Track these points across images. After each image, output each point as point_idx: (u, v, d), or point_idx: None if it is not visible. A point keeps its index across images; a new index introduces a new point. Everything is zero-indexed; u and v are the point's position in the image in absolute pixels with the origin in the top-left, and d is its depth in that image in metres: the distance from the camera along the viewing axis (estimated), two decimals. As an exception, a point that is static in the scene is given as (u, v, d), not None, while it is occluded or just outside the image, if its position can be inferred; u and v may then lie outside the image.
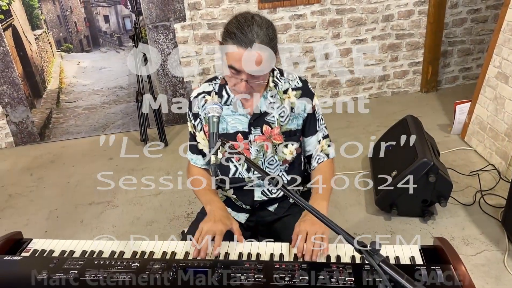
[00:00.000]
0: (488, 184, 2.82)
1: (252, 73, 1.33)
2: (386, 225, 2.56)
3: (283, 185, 1.14)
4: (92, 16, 3.74)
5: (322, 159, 1.63)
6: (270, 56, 1.32)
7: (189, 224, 2.66)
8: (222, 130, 1.55)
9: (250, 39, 1.28)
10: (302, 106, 1.55)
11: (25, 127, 3.92)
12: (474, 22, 4.13)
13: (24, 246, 1.40)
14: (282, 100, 1.53)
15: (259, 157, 1.57)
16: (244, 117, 1.53)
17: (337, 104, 4.23)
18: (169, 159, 3.50)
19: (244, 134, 1.55)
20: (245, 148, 1.57)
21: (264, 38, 1.30)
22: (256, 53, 1.29)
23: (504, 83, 2.91)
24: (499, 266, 2.19)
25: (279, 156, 1.58)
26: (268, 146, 1.56)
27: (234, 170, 1.61)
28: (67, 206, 3.01)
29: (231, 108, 1.53)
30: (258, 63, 1.30)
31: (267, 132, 1.55)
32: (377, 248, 0.96)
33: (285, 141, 1.57)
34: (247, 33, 1.28)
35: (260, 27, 1.30)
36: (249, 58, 1.29)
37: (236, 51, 1.30)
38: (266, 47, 1.30)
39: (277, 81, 1.54)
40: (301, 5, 3.78)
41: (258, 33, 1.29)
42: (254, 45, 1.28)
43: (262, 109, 1.52)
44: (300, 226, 1.37)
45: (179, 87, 3.96)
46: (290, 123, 1.56)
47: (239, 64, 1.31)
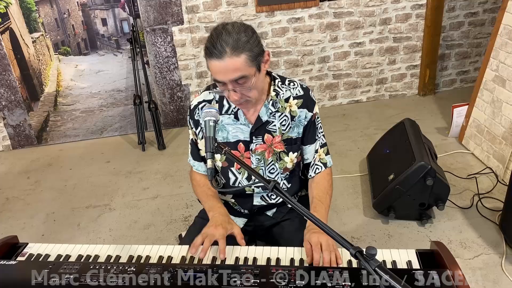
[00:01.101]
0: (486, 187, 2.82)
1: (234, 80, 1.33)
2: (383, 229, 2.56)
3: (281, 191, 1.14)
4: (89, 19, 3.74)
5: (320, 169, 1.63)
6: (247, 59, 1.32)
7: (186, 227, 2.66)
8: (222, 139, 1.56)
9: (220, 50, 1.29)
10: (303, 115, 1.56)
11: (22, 130, 3.91)
12: (471, 25, 4.14)
13: (20, 250, 1.39)
14: (283, 109, 1.54)
15: (260, 165, 1.58)
16: (246, 126, 1.54)
17: (335, 107, 4.23)
18: (166, 162, 3.50)
19: (245, 143, 1.55)
20: (246, 157, 1.57)
21: (236, 43, 1.30)
22: (229, 61, 1.30)
23: (501, 86, 2.92)
24: (497, 270, 2.19)
25: (280, 164, 1.59)
26: (269, 155, 1.56)
27: (234, 179, 1.62)
28: (64, 209, 3.00)
29: (232, 118, 1.54)
30: (235, 70, 1.31)
31: (268, 141, 1.55)
32: (373, 253, 0.96)
33: (286, 149, 1.57)
34: (216, 45, 1.29)
35: (230, 35, 1.30)
36: (225, 68, 1.31)
37: (213, 64, 1.32)
38: (239, 52, 1.30)
39: (278, 90, 1.54)
40: (298, 8, 3.78)
41: (227, 41, 1.29)
42: (225, 54, 1.29)
43: (264, 118, 1.52)
44: (312, 238, 1.35)
45: (177, 90, 3.96)
46: (291, 131, 1.57)
47: (220, 76, 1.33)
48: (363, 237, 2.51)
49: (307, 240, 1.37)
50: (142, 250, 1.38)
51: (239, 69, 1.31)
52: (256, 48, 1.34)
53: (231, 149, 1.55)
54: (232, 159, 1.25)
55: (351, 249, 1.00)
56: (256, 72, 1.36)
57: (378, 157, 3.00)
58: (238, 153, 1.56)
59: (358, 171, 3.15)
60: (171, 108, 4.03)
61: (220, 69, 1.31)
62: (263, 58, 1.38)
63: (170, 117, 4.07)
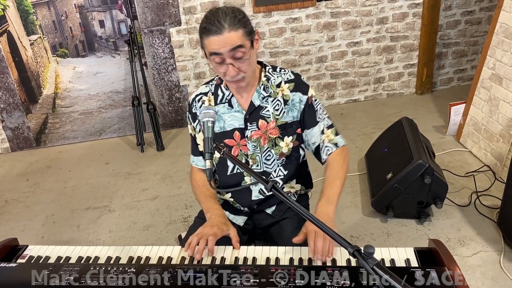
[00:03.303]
0: (484, 185, 2.83)
1: (233, 49, 1.37)
2: (382, 227, 2.56)
3: (277, 189, 1.14)
4: (87, 21, 3.74)
5: (331, 150, 1.59)
6: (245, 33, 1.39)
7: (186, 227, 2.67)
8: (219, 128, 1.59)
9: (218, 26, 1.36)
10: (297, 98, 1.58)
11: (21, 133, 3.91)
12: (468, 24, 4.16)
13: (20, 252, 1.40)
14: (275, 94, 1.57)
15: (256, 152, 1.60)
16: (240, 113, 1.57)
17: (333, 107, 4.24)
18: (165, 163, 3.50)
19: (240, 131, 1.58)
20: (242, 144, 1.59)
21: (232, 20, 1.37)
22: (228, 35, 1.36)
23: (498, 84, 2.93)
24: (495, 267, 2.20)
25: (276, 150, 1.60)
26: (264, 141, 1.58)
27: (232, 166, 1.64)
28: (63, 211, 3.01)
29: (226, 106, 1.58)
30: (234, 41, 1.37)
31: (263, 127, 1.57)
32: (371, 251, 0.97)
33: (281, 134, 1.59)
34: (214, 22, 1.36)
35: (226, 13, 1.37)
36: (224, 40, 1.36)
37: (211, 39, 1.37)
38: (237, 27, 1.37)
39: (269, 75, 1.58)
40: (296, 8, 3.79)
41: (225, 18, 1.36)
42: (224, 29, 1.35)
43: (256, 103, 1.56)
44: (309, 226, 1.38)
45: (175, 91, 3.96)
46: (285, 116, 1.58)
47: (218, 47, 1.37)
48: (361, 235, 2.51)
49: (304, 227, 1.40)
50: (142, 251, 1.39)
51: (237, 40, 1.37)
52: (249, 26, 1.42)
53: (228, 138, 1.59)
54: (230, 159, 1.26)
55: (349, 247, 1.01)
56: (250, 48, 1.42)
57: (376, 156, 3.01)
58: (234, 142, 1.59)
59: (356, 170, 3.16)
60: (169, 109, 4.03)
61: (219, 42, 1.36)
62: (255, 36, 1.45)
63: (169, 118, 4.08)
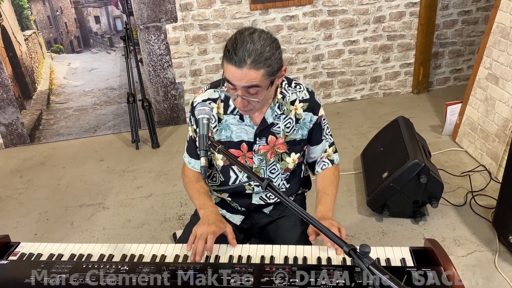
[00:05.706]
0: (479, 185, 2.84)
1: (246, 87, 1.31)
2: (377, 226, 2.56)
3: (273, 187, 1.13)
4: (82, 17, 3.71)
5: (327, 166, 1.66)
6: (266, 73, 1.31)
7: (181, 226, 2.66)
8: (226, 138, 1.56)
9: (241, 58, 1.27)
10: (308, 118, 1.58)
11: (15, 129, 3.88)
12: (464, 23, 4.16)
13: (12, 249, 1.38)
14: (288, 111, 1.54)
15: (261, 165, 1.58)
16: (250, 128, 1.53)
17: (329, 106, 4.23)
18: (160, 161, 3.48)
19: (248, 144, 1.55)
20: (248, 157, 1.57)
21: (258, 57, 1.27)
22: (247, 72, 1.28)
23: (494, 84, 2.93)
24: (490, 267, 2.20)
25: (282, 165, 1.59)
26: (271, 155, 1.57)
27: (235, 177, 1.62)
28: (57, 208, 2.98)
29: (237, 118, 1.53)
30: (251, 79, 1.30)
31: (271, 142, 1.56)
32: (366, 250, 0.96)
33: (289, 150, 1.58)
34: (239, 52, 1.27)
35: (254, 45, 1.28)
36: (241, 75, 1.29)
37: (230, 68, 1.30)
38: (259, 66, 1.28)
39: (285, 92, 1.54)
40: (293, 6, 3.77)
41: (250, 52, 1.27)
42: (245, 65, 1.27)
43: (269, 120, 1.52)
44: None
45: (171, 88, 3.94)
46: (295, 133, 1.57)
47: (233, 78, 1.31)
48: (357, 235, 2.51)
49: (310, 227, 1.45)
50: (135, 248, 1.38)
51: (255, 80, 1.30)
52: (276, 65, 1.33)
53: (234, 148, 1.55)
54: (226, 156, 1.24)
55: (345, 247, 1.00)
56: (269, 86, 1.36)
57: (372, 155, 3.00)
58: (241, 153, 1.56)
59: (352, 169, 3.15)
60: (164, 106, 4.01)
61: (236, 75, 1.30)
62: (279, 73, 1.38)
63: (164, 115, 4.06)
